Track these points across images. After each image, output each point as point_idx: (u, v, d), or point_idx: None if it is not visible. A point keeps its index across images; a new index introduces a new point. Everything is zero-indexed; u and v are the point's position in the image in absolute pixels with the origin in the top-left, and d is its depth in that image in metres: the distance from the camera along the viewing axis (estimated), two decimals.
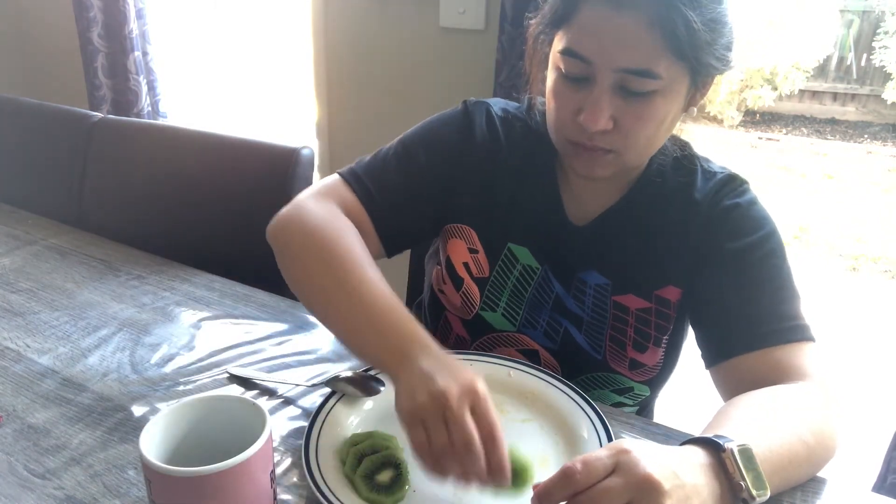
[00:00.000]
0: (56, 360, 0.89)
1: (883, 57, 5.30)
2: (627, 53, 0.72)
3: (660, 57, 0.72)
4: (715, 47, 0.74)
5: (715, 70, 0.76)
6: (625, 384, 0.92)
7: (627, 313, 0.89)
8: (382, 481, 0.67)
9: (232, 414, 0.59)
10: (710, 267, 0.84)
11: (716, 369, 0.81)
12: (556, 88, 0.80)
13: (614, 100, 0.75)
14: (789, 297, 0.80)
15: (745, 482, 0.57)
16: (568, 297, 0.91)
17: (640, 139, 0.78)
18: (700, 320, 0.86)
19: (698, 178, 0.87)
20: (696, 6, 0.70)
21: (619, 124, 0.76)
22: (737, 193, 0.85)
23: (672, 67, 0.73)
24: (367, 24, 1.82)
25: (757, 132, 5.60)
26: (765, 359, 0.76)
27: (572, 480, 0.54)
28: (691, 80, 0.76)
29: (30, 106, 1.55)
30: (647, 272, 0.88)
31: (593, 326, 0.91)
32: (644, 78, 0.73)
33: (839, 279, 3.55)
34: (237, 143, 1.31)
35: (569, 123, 0.79)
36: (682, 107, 0.80)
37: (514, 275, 0.92)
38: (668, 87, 0.75)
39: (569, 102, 0.78)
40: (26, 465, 0.71)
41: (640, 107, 0.75)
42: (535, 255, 0.92)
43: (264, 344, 0.93)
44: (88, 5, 1.97)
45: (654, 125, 0.77)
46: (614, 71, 0.73)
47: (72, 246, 1.22)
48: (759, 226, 0.83)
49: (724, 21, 0.74)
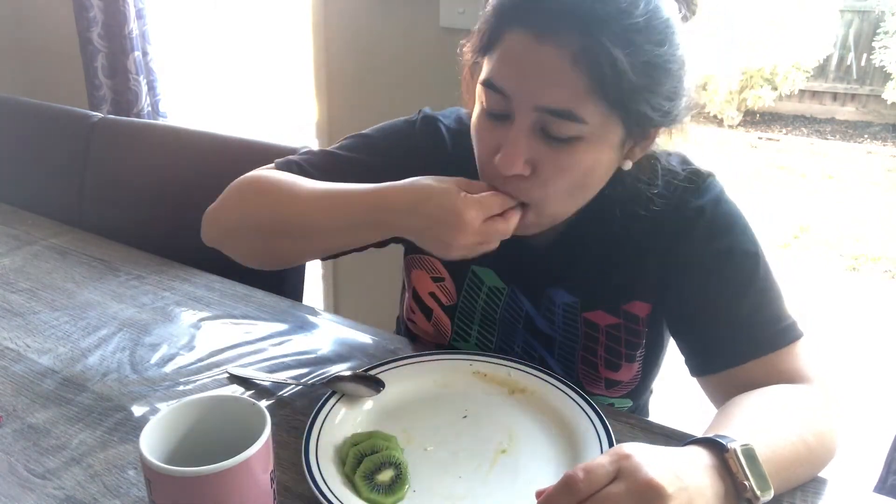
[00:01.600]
0: (56, 360, 0.89)
1: (883, 57, 5.31)
2: (548, 90, 0.66)
3: (584, 99, 0.65)
4: (650, 95, 0.66)
5: (650, 121, 0.69)
6: (605, 402, 0.89)
7: (598, 331, 0.86)
8: (382, 481, 0.67)
9: (232, 414, 0.59)
10: (684, 277, 0.79)
11: (706, 379, 0.79)
12: (478, 124, 0.74)
13: (533, 142, 0.68)
14: (772, 296, 0.77)
15: (750, 482, 0.57)
16: (538, 316, 0.88)
17: (561, 191, 0.71)
18: (682, 332, 0.83)
19: (659, 182, 0.79)
20: (628, 45, 0.63)
21: (538, 171, 0.70)
22: (700, 192, 0.79)
23: (598, 112, 0.66)
24: (367, 24, 1.82)
25: (757, 132, 5.61)
26: (759, 368, 0.74)
27: (575, 489, 0.53)
28: (626, 130, 0.69)
29: (30, 106, 1.55)
30: (613, 287, 0.84)
31: (565, 347, 0.88)
32: (566, 121, 0.66)
33: (839, 279, 3.55)
34: (237, 143, 1.30)
35: (487, 165, 0.73)
36: (616, 158, 0.73)
37: (481, 297, 0.90)
38: (594, 135, 0.68)
39: (488, 140, 0.72)
40: (26, 465, 0.71)
41: (562, 154, 0.68)
42: (500, 275, 0.89)
43: (264, 344, 0.93)
44: (88, 5, 1.97)
45: (576, 176, 0.70)
46: (534, 109, 0.67)
47: (72, 246, 1.22)
48: (729, 225, 0.78)
49: (666, 67, 0.66)
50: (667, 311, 0.84)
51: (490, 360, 0.85)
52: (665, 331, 0.88)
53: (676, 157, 0.82)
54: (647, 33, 0.64)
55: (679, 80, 0.69)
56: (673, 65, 0.67)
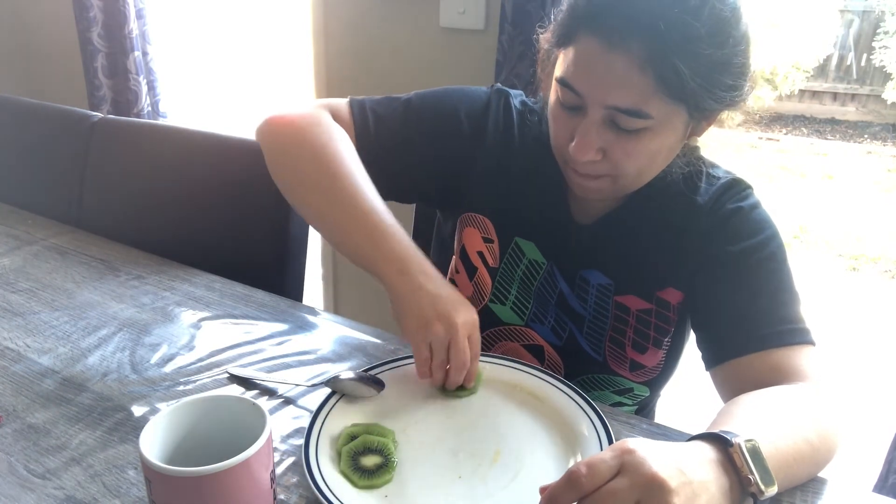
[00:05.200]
0: (56, 360, 0.89)
1: (883, 57, 5.30)
2: (617, 93, 0.72)
3: (651, 98, 0.71)
4: (711, 91, 0.72)
5: (714, 108, 0.75)
6: (625, 385, 0.92)
7: (628, 314, 0.89)
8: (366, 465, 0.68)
9: (232, 414, 0.59)
10: (710, 270, 0.84)
11: (716, 371, 0.81)
12: (554, 112, 0.81)
13: (604, 133, 0.76)
14: (789, 299, 0.80)
15: (754, 475, 0.57)
16: (572, 295, 0.92)
17: (631, 171, 0.79)
18: (700, 323, 0.86)
19: (702, 183, 0.87)
20: (691, 53, 0.69)
21: (609, 156, 0.77)
22: (739, 198, 0.85)
23: (663, 107, 0.72)
24: (367, 24, 1.82)
25: (757, 132, 5.61)
26: (764, 361, 0.76)
27: (578, 484, 0.53)
28: (689, 116, 0.76)
29: (30, 106, 1.55)
30: (649, 273, 0.88)
31: (594, 327, 0.91)
32: (634, 117, 0.73)
33: (839, 279, 3.55)
34: (237, 143, 1.30)
35: (563, 147, 0.80)
36: (682, 136, 0.79)
37: (520, 268, 0.93)
38: (660, 125, 0.74)
39: (564, 128, 0.80)
40: (26, 465, 0.71)
41: (630, 143, 0.75)
42: (541, 250, 0.92)
43: (264, 344, 0.93)
44: (88, 5, 1.97)
45: (644, 159, 0.78)
46: (604, 107, 0.74)
47: (72, 246, 1.22)
48: (760, 229, 0.83)
49: (728, 64, 0.72)
50: (693, 300, 0.87)
51: (490, 361, 0.85)
52: (688, 326, 0.92)
53: (721, 168, 0.90)
54: (709, 39, 0.69)
55: (740, 74, 0.74)
56: (736, 58, 0.73)
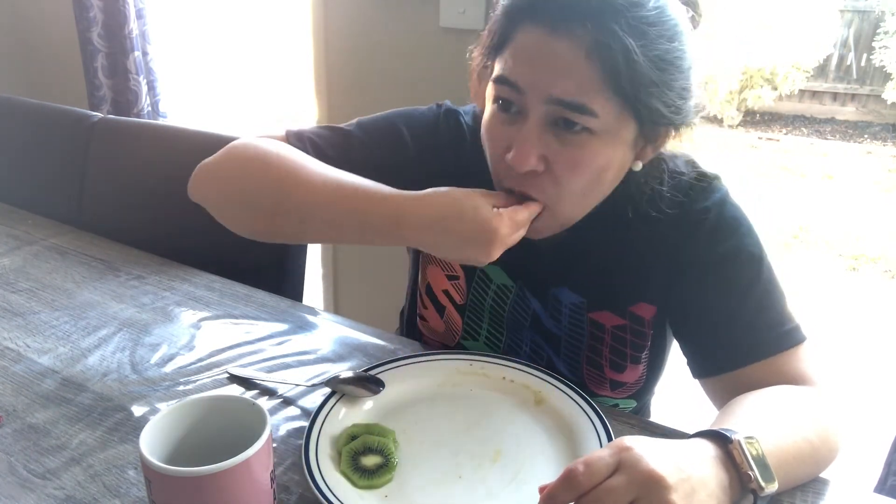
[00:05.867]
0: (56, 360, 0.89)
1: (883, 57, 5.30)
2: (560, 81, 0.66)
3: (597, 92, 0.65)
4: (662, 90, 0.67)
5: (663, 118, 0.69)
6: (608, 402, 0.90)
7: (603, 331, 0.86)
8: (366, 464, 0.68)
9: (232, 414, 0.59)
10: (688, 279, 0.79)
11: (708, 381, 0.79)
12: (489, 124, 0.74)
13: (546, 137, 0.69)
14: (775, 299, 0.77)
15: (754, 472, 0.57)
16: (545, 315, 0.89)
17: (575, 189, 0.71)
18: (685, 334, 0.82)
19: (665, 184, 0.79)
20: (641, 37, 0.64)
21: (551, 168, 0.70)
22: (705, 196, 0.79)
23: (611, 107, 0.66)
24: (367, 24, 1.82)
25: (757, 132, 5.60)
26: (761, 371, 0.74)
27: (576, 482, 0.53)
28: (638, 127, 0.70)
29: (30, 106, 1.55)
30: (620, 288, 0.84)
31: (570, 347, 0.88)
32: (578, 112, 0.66)
33: (839, 279, 3.55)
34: None
35: (500, 164, 0.73)
36: (629, 158, 0.73)
37: (489, 295, 0.91)
38: (607, 132, 0.68)
39: (500, 138, 0.72)
40: (26, 465, 0.71)
41: (575, 150, 0.68)
42: (507, 272, 0.89)
43: (264, 344, 0.93)
44: (88, 5, 1.97)
45: (590, 173, 0.70)
46: (546, 102, 0.67)
47: (72, 246, 1.22)
48: (733, 228, 0.78)
49: (678, 64, 0.67)
50: (670, 312, 0.84)
51: (490, 360, 0.85)
52: (669, 333, 0.88)
53: (682, 159, 0.81)
54: (658, 27, 0.65)
55: (689, 78, 0.70)
56: (684, 62, 0.68)
